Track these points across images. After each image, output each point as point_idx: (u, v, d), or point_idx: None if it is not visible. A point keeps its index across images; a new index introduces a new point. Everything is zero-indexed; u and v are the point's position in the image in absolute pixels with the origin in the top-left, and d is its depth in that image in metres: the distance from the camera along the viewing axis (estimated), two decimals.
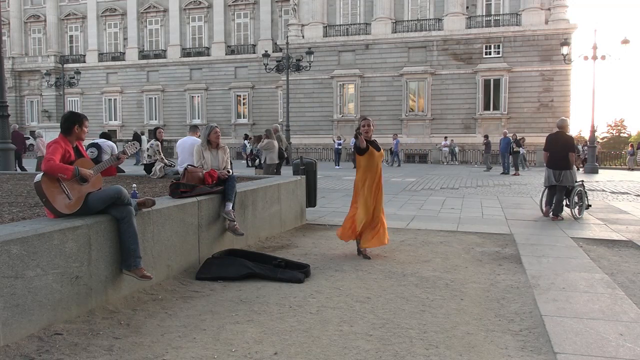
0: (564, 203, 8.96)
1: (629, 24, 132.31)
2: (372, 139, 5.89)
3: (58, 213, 3.76)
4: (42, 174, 3.72)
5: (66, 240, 3.57)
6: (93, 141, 9.35)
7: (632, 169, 26.46)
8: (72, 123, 3.96)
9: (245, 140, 27.96)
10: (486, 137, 24.78)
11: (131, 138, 29.07)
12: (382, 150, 5.90)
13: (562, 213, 8.92)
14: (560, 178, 8.77)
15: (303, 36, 34.79)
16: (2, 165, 10.86)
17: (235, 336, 3.45)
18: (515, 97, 31.36)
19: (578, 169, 25.54)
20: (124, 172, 9.13)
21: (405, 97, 33.27)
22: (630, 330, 3.60)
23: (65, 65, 38.97)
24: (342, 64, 34.30)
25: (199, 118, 40.04)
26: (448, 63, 32.44)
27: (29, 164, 17.37)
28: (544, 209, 9.22)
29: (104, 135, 10.34)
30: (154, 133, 9.69)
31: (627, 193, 13.81)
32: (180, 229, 4.89)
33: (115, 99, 43.33)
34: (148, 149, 8.77)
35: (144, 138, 27.10)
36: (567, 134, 9.23)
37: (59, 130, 4.02)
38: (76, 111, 4.14)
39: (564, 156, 8.80)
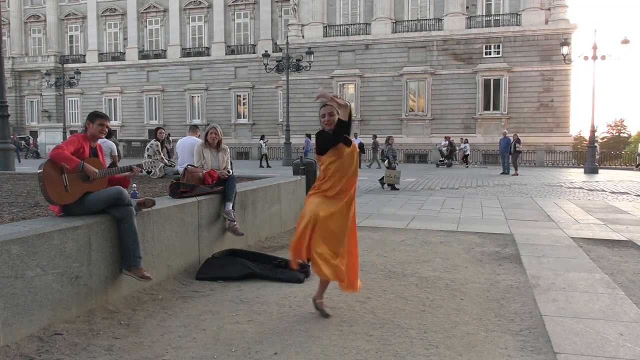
0: None
1: (629, 24, 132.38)
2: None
3: (51, 200, 3.78)
4: (47, 159, 3.78)
5: (66, 240, 3.57)
6: None
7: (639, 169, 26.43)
8: (86, 119, 4.07)
9: (261, 141, 27.98)
10: (374, 136, 27.09)
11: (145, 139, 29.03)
12: (354, 146, 3.81)
13: None
14: None
15: (303, 36, 34.78)
16: (2, 165, 10.87)
17: (235, 336, 3.45)
18: (515, 97, 31.35)
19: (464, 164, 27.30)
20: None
21: (405, 97, 33.27)
22: (630, 330, 3.60)
23: (65, 65, 38.90)
24: (342, 64, 34.29)
25: (199, 118, 40.03)
26: (448, 63, 32.42)
27: (29, 163, 17.36)
28: None
29: None
30: (154, 133, 9.69)
31: (627, 193, 13.81)
32: (180, 229, 4.89)
33: (115, 99, 43.31)
34: (148, 149, 8.78)
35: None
36: None
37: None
38: (99, 110, 4.20)
39: None
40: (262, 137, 28.87)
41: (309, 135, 28.01)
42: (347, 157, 3.75)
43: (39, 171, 3.76)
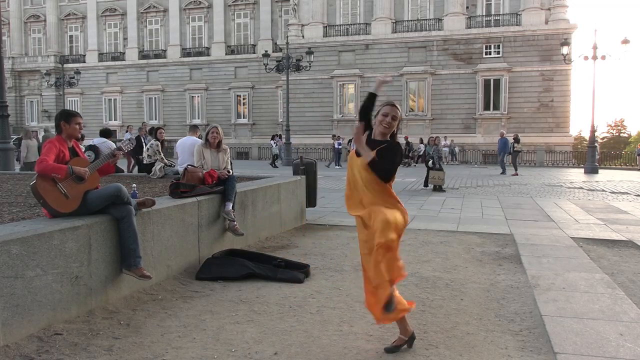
0: None
1: (629, 24, 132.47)
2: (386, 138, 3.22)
3: (57, 213, 3.77)
4: (36, 175, 3.74)
5: (66, 240, 3.56)
6: (91, 143, 9.30)
7: None
8: (58, 120, 3.98)
9: (272, 141, 27.97)
10: (279, 136, 28.83)
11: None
12: (368, 154, 3.11)
13: None
14: None
15: (303, 36, 34.77)
16: (2, 165, 10.87)
17: (235, 336, 3.45)
18: (515, 97, 31.34)
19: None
20: (123, 171, 9.09)
21: (405, 97, 33.25)
22: (630, 330, 3.60)
23: (65, 65, 38.91)
24: (342, 64, 34.29)
25: (199, 118, 40.03)
26: (448, 63, 32.42)
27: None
28: None
29: (103, 133, 10.14)
30: (154, 133, 9.68)
31: (627, 193, 13.81)
32: (180, 229, 4.89)
33: (115, 99, 43.30)
34: (148, 149, 8.77)
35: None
36: None
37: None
38: (67, 108, 4.15)
39: None
40: (273, 137, 28.84)
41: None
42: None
43: (32, 188, 3.72)
